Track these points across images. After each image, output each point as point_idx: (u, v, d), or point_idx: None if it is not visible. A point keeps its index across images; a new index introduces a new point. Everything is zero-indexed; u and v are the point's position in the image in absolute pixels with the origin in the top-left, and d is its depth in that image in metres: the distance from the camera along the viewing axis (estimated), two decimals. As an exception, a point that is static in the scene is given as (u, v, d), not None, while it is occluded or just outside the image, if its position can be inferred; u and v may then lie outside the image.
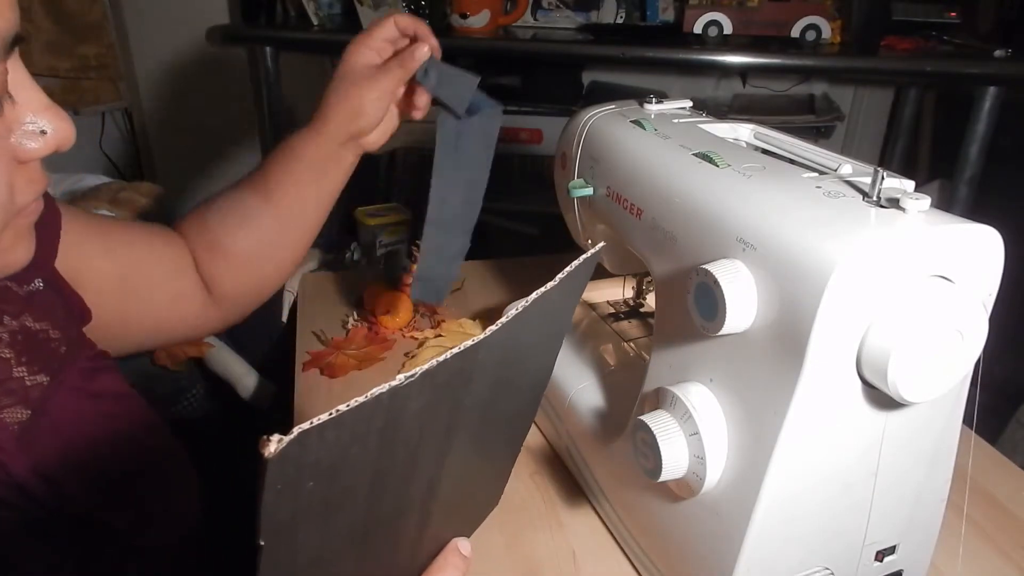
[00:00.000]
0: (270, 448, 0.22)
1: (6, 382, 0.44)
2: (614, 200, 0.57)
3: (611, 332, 0.73)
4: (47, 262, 0.52)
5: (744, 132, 0.59)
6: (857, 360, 0.40)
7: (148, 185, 1.26)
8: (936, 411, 0.45)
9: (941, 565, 0.56)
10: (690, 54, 1.66)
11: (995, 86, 1.53)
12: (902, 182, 0.44)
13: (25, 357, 0.45)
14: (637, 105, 0.64)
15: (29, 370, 0.45)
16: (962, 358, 0.39)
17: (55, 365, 0.47)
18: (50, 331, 0.48)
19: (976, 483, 0.64)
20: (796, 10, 1.67)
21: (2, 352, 0.44)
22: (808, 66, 1.79)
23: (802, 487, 0.44)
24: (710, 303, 0.43)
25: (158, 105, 1.77)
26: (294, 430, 0.22)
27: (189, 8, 1.71)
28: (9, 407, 0.43)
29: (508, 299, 0.81)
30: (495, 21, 1.77)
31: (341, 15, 1.84)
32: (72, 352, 0.49)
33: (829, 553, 0.47)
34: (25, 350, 0.46)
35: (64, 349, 0.49)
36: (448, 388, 0.32)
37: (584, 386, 0.66)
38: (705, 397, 0.47)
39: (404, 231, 1.14)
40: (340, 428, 0.25)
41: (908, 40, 1.64)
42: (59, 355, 0.48)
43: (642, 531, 0.56)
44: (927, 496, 0.48)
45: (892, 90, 2.20)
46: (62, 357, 0.48)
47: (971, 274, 0.40)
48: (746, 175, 0.47)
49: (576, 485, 0.65)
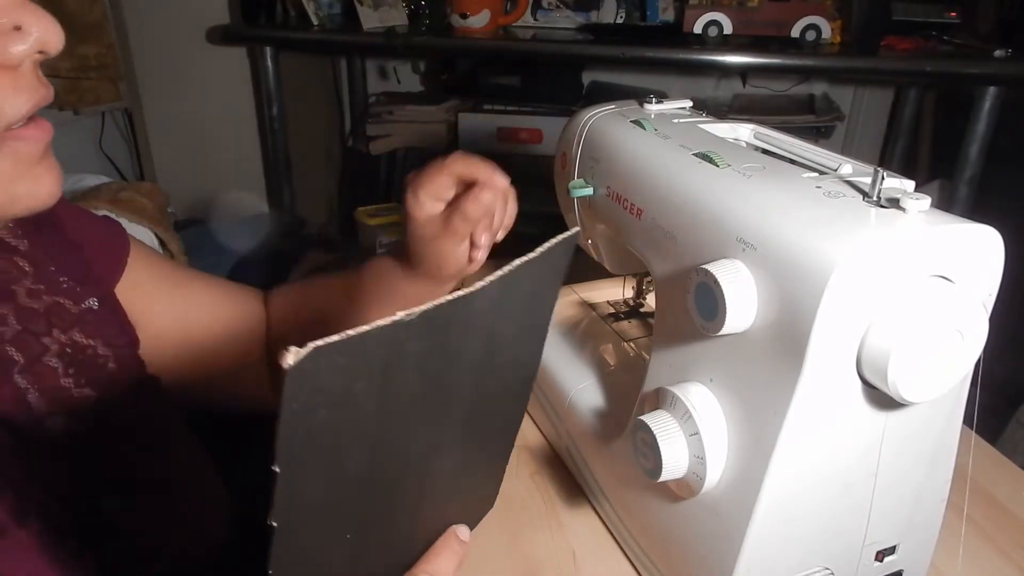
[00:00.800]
0: (288, 359, 0.23)
1: (55, 390, 0.44)
2: (614, 200, 0.57)
3: (611, 332, 0.73)
4: (106, 284, 0.53)
5: (744, 132, 0.59)
6: (857, 360, 0.40)
7: (148, 185, 1.26)
8: (936, 411, 0.45)
9: (941, 565, 0.56)
10: (690, 54, 1.66)
11: (995, 86, 1.53)
12: (902, 182, 0.44)
13: (73, 369, 0.46)
14: (637, 105, 0.64)
15: (76, 382, 0.45)
16: (962, 358, 0.39)
17: (103, 380, 0.47)
18: (99, 348, 0.48)
19: (976, 483, 0.64)
20: (796, 10, 1.67)
21: (50, 361, 0.45)
22: (808, 66, 1.79)
23: (802, 487, 0.44)
24: (710, 303, 0.43)
25: (158, 105, 1.77)
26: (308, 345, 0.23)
27: (189, 8, 1.71)
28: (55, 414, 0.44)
29: (508, 299, 0.81)
30: (495, 21, 1.77)
31: (341, 15, 1.84)
32: (123, 369, 0.50)
33: (829, 553, 0.47)
34: (73, 363, 0.46)
35: (113, 366, 0.49)
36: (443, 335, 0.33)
37: (584, 386, 0.66)
38: (705, 397, 0.47)
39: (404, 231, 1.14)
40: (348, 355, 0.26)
41: (908, 40, 1.64)
42: (107, 371, 0.48)
43: (642, 531, 0.56)
44: (927, 496, 0.48)
45: (892, 90, 2.20)
46: (110, 373, 0.48)
47: (971, 274, 0.40)
48: (746, 175, 0.47)
49: (576, 485, 0.65)
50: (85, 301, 0.49)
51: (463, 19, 1.72)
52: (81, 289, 0.49)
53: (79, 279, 0.50)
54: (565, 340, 0.72)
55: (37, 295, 0.46)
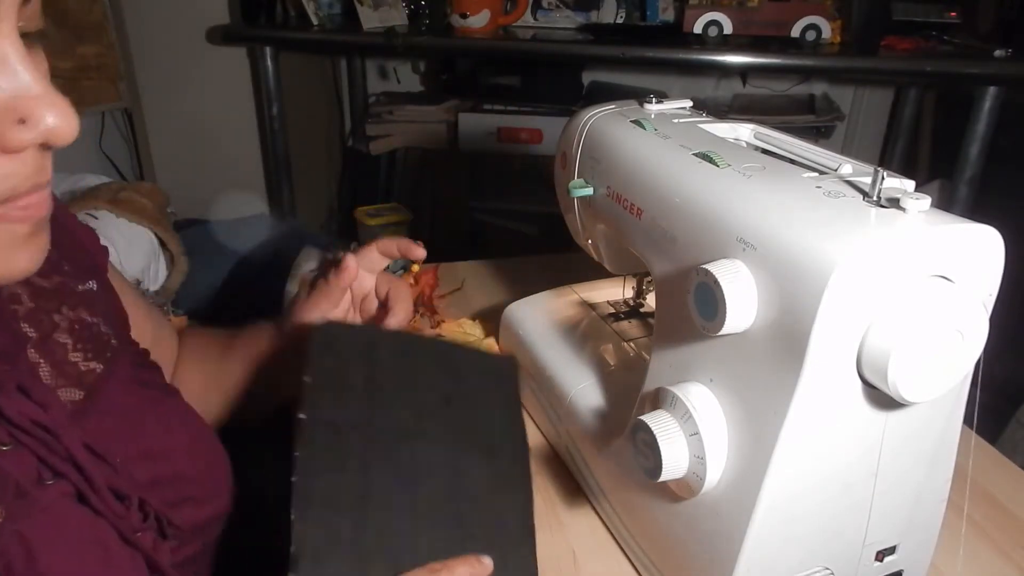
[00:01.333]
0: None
1: (63, 365, 0.47)
2: (614, 200, 0.57)
3: (611, 332, 0.73)
4: (101, 270, 0.55)
5: (744, 132, 0.59)
6: (857, 360, 0.40)
7: (148, 185, 1.26)
8: (936, 411, 0.45)
9: (941, 565, 0.56)
10: (690, 54, 1.66)
11: (995, 86, 1.54)
12: (902, 182, 0.44)
13: (81, 344, 0.48)
14: (637, 105, 0.64)
15: (84, 356, 0.48)
16: (962, 358, 0.39)
17: (108, 355, 0.50)
18: (102, 325, 0.51)
19: (976, 483, 0.64)
20: (796, 10, 1.67)
21: (60, 337, 0.47)
22: (808, 66, 1.79)
23: (802, 487, 0.44)
24: (710, 303, 0.43)
25: (158, 105, 1.77)
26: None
27: (189, 8, 1.71)
28: (64, 387, 0.46)
29: (508, 299, 0.81)
30: (495, 21, 1.77)
31: (341, 15, 1.84)
32: (122, 346, 0.52)
33: (829, 553, 0.47)
34: (81, 339, 0.48)
35: (115, 343, 0.51)
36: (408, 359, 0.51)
37: (584, 386, 0.66)
38: (705, 397, 0.47)
39: (404, 231, 1.14)
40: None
41: (908, 40, 1.64)
42: (112, 347, 0.51)
43: (642, 531, 0.56)
44: (927, 496, 0.49)
45: (892, 90, 2.20)
46: (115, 349, 0.51)
47: (971, 274, 0.40)
48: (746, 175, 0.47)
49: (576, 485, 0.65)
50: (85, 283, 0.52)
51: (463, 19, 1.72)
52: (81, 273, 0.52)
53: (77, 264, 0.52)
54: (565, 340, 0.72)
55: (47, 275, 0.49)
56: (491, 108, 2.11)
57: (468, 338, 0.83)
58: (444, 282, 0.96)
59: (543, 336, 0.73)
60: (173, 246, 1.18)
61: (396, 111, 2.13)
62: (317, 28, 1.74)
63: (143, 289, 1.05)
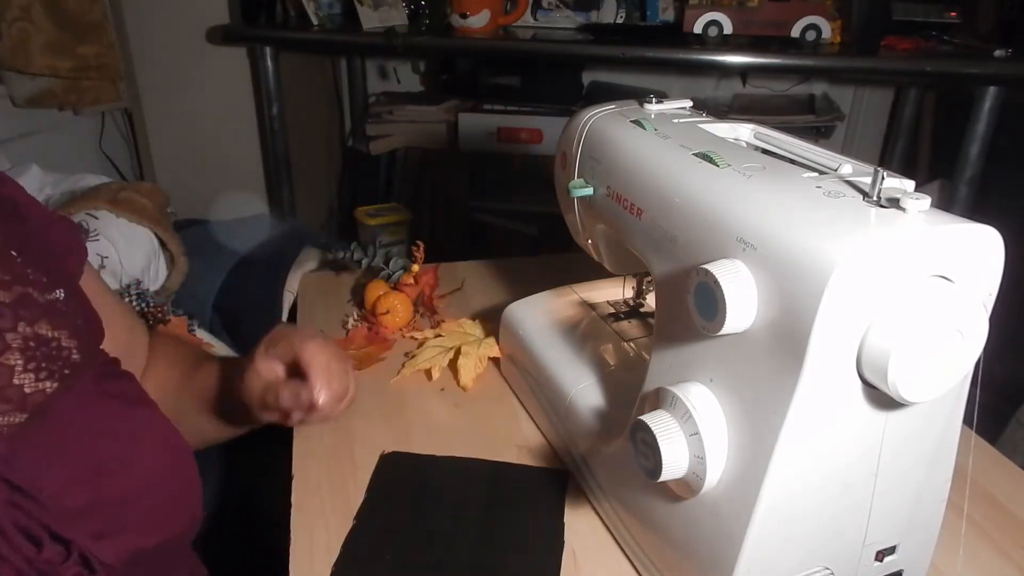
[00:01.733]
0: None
1: (6, 389, 0.44)
2: (614, 200, 0.57)
3: (611, 332, 0.73)
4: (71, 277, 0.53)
5: (744, 132, 0.59)
6: (857, 360, 0.40)
7: (148, 185, 1.26)
8: (936, 411, 0.45)
9: (941, 565, 0.56)
10: (690, 54, 1.66)
11: (995, 86, 1.54)
12: (902, 182, 0.44)
13: (33, 364, 0.46)
14: (637, 105, 0.64)
15: (36, 376, 0.46)
16: (962, 358, 0.39)
17: (66, 372, 0.48)
18: (63, 339, 0.48)
19: (976, 483, 0.64)
20: (796, 10, 1.67)
21: (9, 358, 0.45)
22: (808, 66, 1.79)
23: (802, 487, 0.44)
24: (710, 303, 0.43)
25: (158, 105, 1.76)
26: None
27: (189, 8, 1.71)
28: (4, 412, 0.44)
29: (508, 299, 0.81)
30: (495, 21, 1.77)
31: (341, 15, 1.84)
32: (87, 360, 0.50)
33: (829, 553, 0.47)
34: (35, 357, 0.46)
35: (78, 357, 0.49)
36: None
37: (584, 386, 0.66)
38: (705, 397, 0.47)
39: (404, 231, 1.14)
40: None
41: (908, 40, 1.64)
42: (71, 362, 0.48)
43: (642, 531, 0.56)
44: (927, 496, 0.49)
45: (892, 90, 2.20)
46: (75, 364, 0.48)
47: (971, 274, 0.40)
48: (746, 175, 0.47)
49: (576, 485, 0.65)
50: (52, 292, 0.50)
51: (463, 19, 1.72)
52: (47, 279, 0.50)
53: (45, 270, 0.50)
54: (565, 340, 0.72)
55: (8, 286, 0.47)
56: (491, 108, 2.11)
57: (468, 338, 0.83)
58: (444, 282, 0.96)
59: (543, 336, 0.73)
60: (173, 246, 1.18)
61: (396, 111, 2.13)
62: (317, 28, 1.74)
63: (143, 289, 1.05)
